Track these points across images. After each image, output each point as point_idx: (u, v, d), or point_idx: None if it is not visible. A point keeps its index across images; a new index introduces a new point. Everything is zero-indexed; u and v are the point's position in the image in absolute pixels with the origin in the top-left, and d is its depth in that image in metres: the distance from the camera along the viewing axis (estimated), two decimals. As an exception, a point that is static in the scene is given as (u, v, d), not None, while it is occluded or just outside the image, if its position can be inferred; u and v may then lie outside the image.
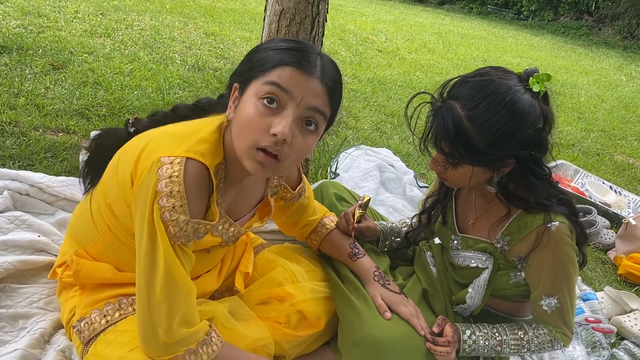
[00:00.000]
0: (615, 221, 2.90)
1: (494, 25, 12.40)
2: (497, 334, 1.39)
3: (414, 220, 1.69)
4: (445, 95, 1.27)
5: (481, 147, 1.20)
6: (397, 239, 1.69)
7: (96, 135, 1.33)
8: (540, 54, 9.41)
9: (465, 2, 15.33)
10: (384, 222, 1.72)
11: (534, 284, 1.35)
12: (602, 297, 2.20)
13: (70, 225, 1.39)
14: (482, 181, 1.33)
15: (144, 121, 1.29)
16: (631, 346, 1.93)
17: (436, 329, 1.38)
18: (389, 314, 1.36)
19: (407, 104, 1.32)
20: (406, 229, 1.70)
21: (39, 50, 3.31)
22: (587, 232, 1.36)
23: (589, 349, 1.91)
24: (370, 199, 1.62)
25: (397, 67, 5.80)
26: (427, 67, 6.20)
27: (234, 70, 1.16)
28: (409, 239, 1.68)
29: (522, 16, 14.07)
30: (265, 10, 2.03)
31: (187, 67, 3.87)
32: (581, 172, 3.43)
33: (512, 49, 9.40)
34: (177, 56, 4.06)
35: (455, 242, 1.49)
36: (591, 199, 3.06)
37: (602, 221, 2.83)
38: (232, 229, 1.25)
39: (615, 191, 3.28)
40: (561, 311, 1.33)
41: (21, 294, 1.45)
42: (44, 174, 1.85)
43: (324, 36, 1.96)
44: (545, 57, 9.23)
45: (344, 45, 6.30)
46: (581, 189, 3.21)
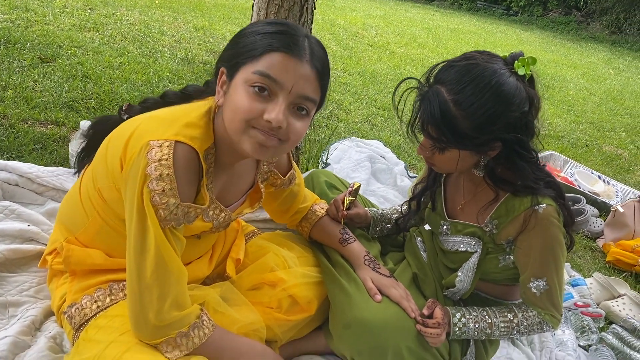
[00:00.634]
0: (603, 210, 2.94)
1: (483, 20, 12.44)
2: (487, 317, 1.40)
3: (404, 207, 1.69)
4: (431, 80, 1.27)
5: (467, 131, 1.21)
6: (388, 225, 1.69)
7: (93, 122, 1.33)
8: (529, 49, 9.45)
9: (455, -2, 15.38)
10: (375, 209, 1.73)
11: (523, 267, 1.36)
12: (591, 283, 2.22)
13: (59, 212, 1.38)
14: (469, 165, 1.34)
15: (136, 108, 1.29)
16: (619, 330, 1.96)
17: (426, 312, 1.39)
18: (379, 297, 1.37)
19: (395, 90, 1.32)
20: (396, 215, 1.71)
21: (27, 44, 3.29)
22: (574, 214, 1.37)
23: (578, 333, 1.94)
24: (360, 185, 1.62)
25: (387, 61, 5.81)
26: (417, 61, 6.22)
27: (220, 55, 1.14)
28: (399, 225, 1.69)
29: (511, 12, 14.14)
30: (253, -4, 2.02)
31: (177, 60, 3.86)
32: (570, 163, 3.46)
33: (501, 44, 9.44)
34: (166, 50, 4.05)
35: (444, 227, 1.50)
36: (580, 188, 3.09)
37: (591, 210, 2.85)
38: (223, 214, 1.25)
39: (603, 181, 3.31)
40: (550, 293, 1.35)
41: (11, 282, 1.44)
42: (32, 164, 1.84)
43: (312, 23, 1.95)
44: (534, 51, 9.27)
45: (334, 39, 6.30)
46: (570, 179, 3.24)
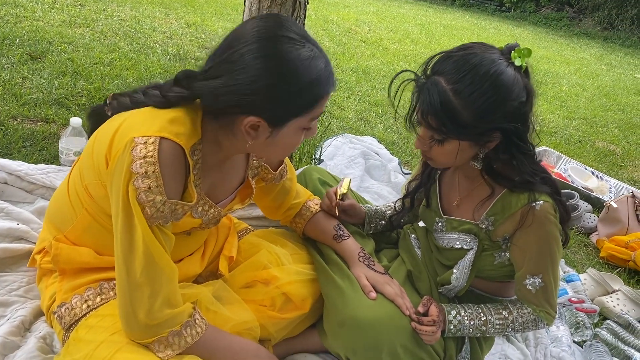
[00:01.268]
0: (597, 205, 2.94)
1: (476, 16, 12.43)
2: (482, 314, 1.39)
3: (398, 204, 1.68)
4: (429, 72, 1.26)
5: (468, 120, 1.20)
6: (382, 222, 1.68)
7: (89, 113, 1.32)
8: (522, 45, 9.44)
9: (447, -6, 15.35)
10: (369, 205, 1.71)
11: (519, 264, 1.36)
12: (585, 279, 2.22)
13: (48, 211, 1.36)
14: (468, 158, 1.33)
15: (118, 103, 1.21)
16: (614, 325, 1.96)
17: (421, 309, 1.38)
18: (373, 294, 1.36)
19: (390, 83, 1.31)
20: (390, 212, 1.70)
21: (16, 40, 3.24)
22: (569, 210, 1.37)
23: (573, 329, 1.94)
24: (350, 179, 1.63)
25: (380, 57, 5.79)
26: (410, 57, 6.20)
27: (243, 99, 1.04)
28: (393, 222, 1.67)
29: (504, 8, 14.12)
30: (246, -9, 2.00)
31: (169, 57, 3.82)
32: (564, 159, 3.46)
33: (494, 40, 9.41)
34: (158, 46, 4.01)
35: (439, 224, 1.49)
36: (574, 184, 3.09)
37: (584, 205, 2.85)
38: (212, 210, 1.24)
39: (597, 176, 3.31)
40: (545, 290, 1.34)
41: (0, 282, 1.42)
42: (22, 162, 1.81)
43: (305, 18, 1.93)
44: (527, 47, 9.26)
45: (327, 35, 6.26)
46: (564, 175, 3.24)
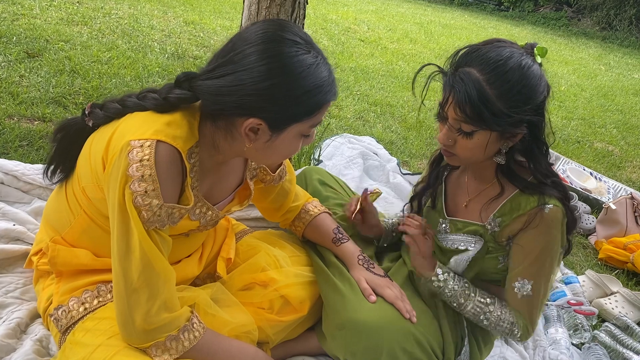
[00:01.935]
0: (595, 207, 2.93)
1: (475, 16, 12.44)
2: (468, 288, 1.38)
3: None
4: (456, 64, 1.26)
5: (503, 109, 1.19)
6: (394, 233, 1.70)
7: (57, 127, 1.24)
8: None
9: (446, -7, 15.35)
10: (386, 219, 1.71)
11: (515, 263, 1.34)
12: (584, 281, 2.22)
13: (45, 211, 1.35)
14: (492, 153, 1.31)
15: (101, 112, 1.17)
16: (612, 328, 1.95)
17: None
18: (373, 297, 1.35)
19: (415, 76, 1.31)
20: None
21: (13, 38, 3.23)
22: (577, 218, 1.35)
23: (571, 331, 1.93)
24: (380, 194, 1.66)
25: (379, 57, 5.78)
26: (409, 56, 6.19)
27: (246, 100, 1.04)
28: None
29: (502, 7, 14.14)
30: (245, -8, 1.98)
31: (167, 55, 3.80)
32: (562, 159, 3.46)
33: (493, 39, 9.42)
34: (156, 45, 3.99)
35: (443, 225, 1.48)
36: (572, 185, 3.09)
37: (583, 207, 2.85)
38: (210, 212, 1.23)
39: (595, 177, 3.31)
40: (530, 302, 1.33)
41: (-4, 283, 1.41)
42: (18, 162, 1.80)
43: (304, 18, 1.92)
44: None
45: (326, 34, 6.25)
46: (562, 175, 3.24)
